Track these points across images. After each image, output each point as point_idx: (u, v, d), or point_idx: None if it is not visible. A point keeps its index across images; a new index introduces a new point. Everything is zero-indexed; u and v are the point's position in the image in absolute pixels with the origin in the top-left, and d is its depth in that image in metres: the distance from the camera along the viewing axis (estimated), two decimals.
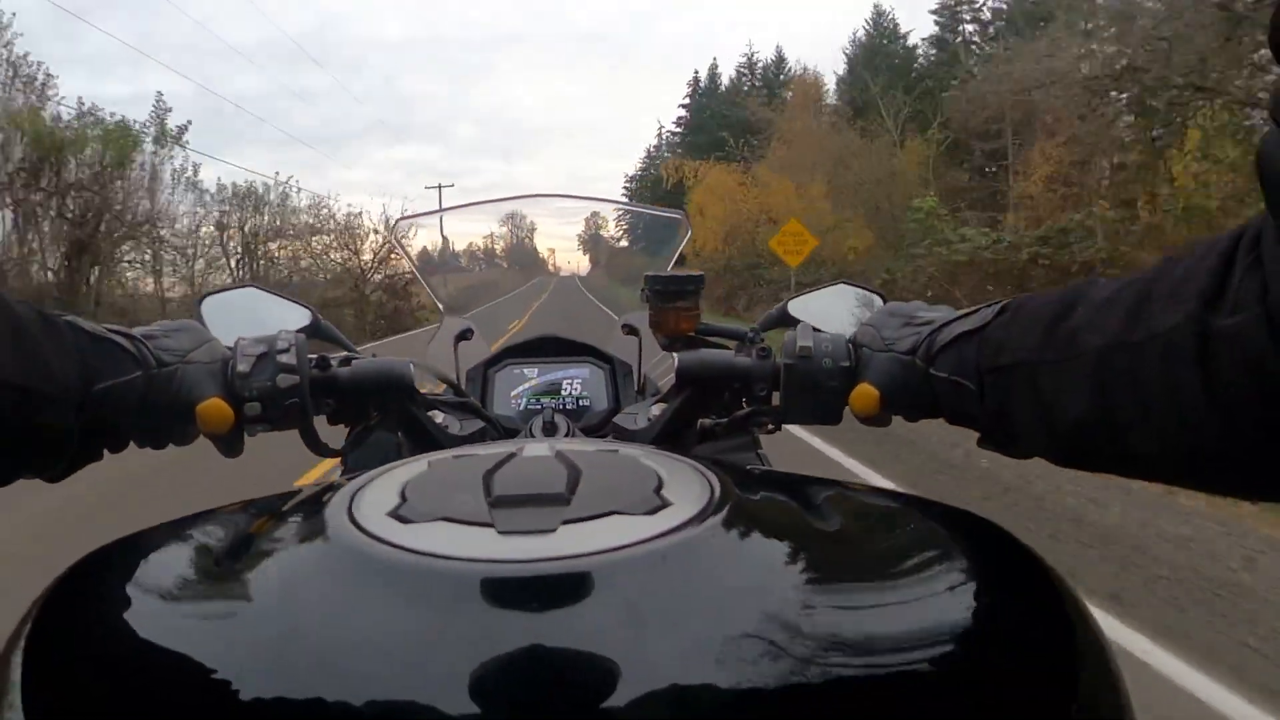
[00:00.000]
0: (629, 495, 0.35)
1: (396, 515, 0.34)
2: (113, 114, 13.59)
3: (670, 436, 0.66)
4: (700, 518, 0.32)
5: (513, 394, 0.88)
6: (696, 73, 46.55)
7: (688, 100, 41.23)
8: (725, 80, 39.04)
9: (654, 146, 49.84)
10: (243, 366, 0.52)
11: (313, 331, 0.77)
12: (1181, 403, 0.32)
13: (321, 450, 0.60)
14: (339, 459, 0.68)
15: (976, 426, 0.48)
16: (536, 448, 0.43)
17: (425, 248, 1.25)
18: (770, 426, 0.64)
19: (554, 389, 0.89)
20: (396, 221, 1.04)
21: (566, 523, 0.32)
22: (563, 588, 0.28)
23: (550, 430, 0.72)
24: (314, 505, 0.38)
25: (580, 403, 0.88)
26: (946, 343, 0.49)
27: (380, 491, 0.37)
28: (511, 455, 0.41)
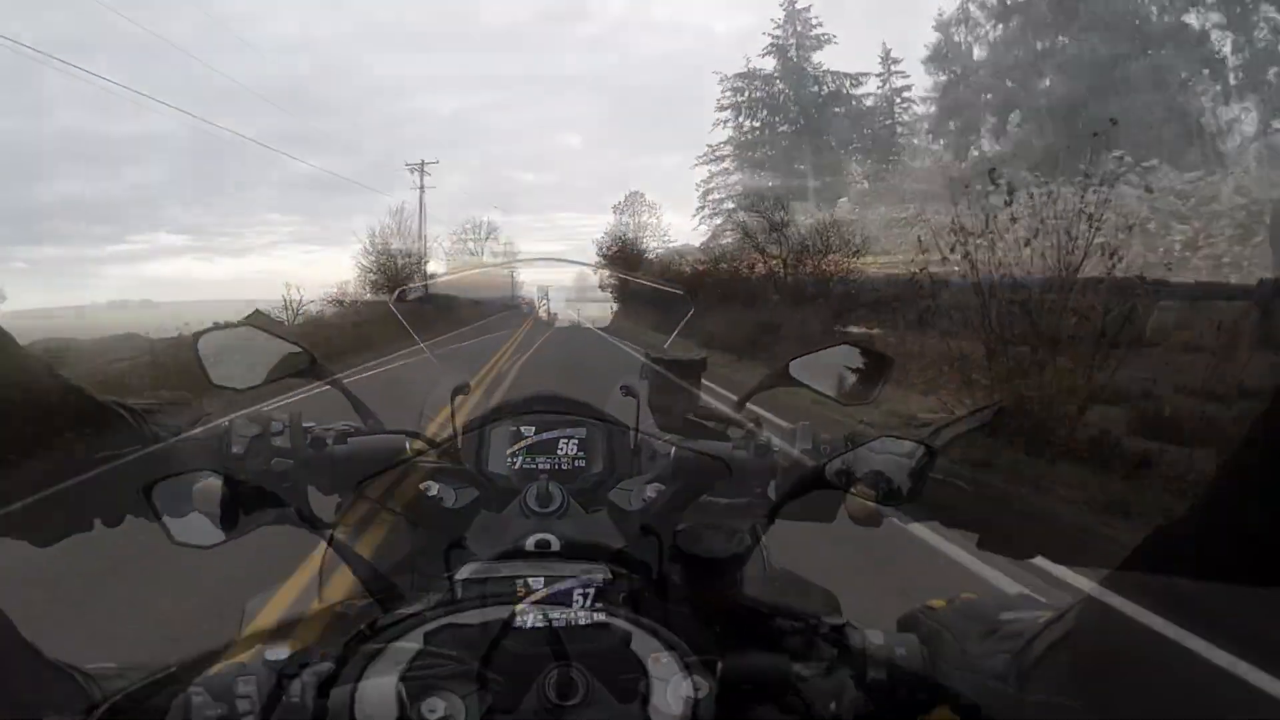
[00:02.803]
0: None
1: None
2: None
3: (665, 515, 0.68)
4: None
5: (509, 451, 0.88)
6: None
7: None
8: None
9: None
10: (237, 448, 0.51)
11: (310, 372, 0.77)
12: None
13: (310, 524, 0.60)
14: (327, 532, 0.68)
15: None
16: (529, 618, 0.46)
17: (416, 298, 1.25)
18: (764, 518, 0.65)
19: (550, 448, 0.89)
20: (397, 292, 1.07)
21: None
22: None
23: (545, 501, 0.73)
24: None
25: (576, 463, 0.89)
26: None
27: (381, 686, 0.41)
28: (506, 627, 0.44)
